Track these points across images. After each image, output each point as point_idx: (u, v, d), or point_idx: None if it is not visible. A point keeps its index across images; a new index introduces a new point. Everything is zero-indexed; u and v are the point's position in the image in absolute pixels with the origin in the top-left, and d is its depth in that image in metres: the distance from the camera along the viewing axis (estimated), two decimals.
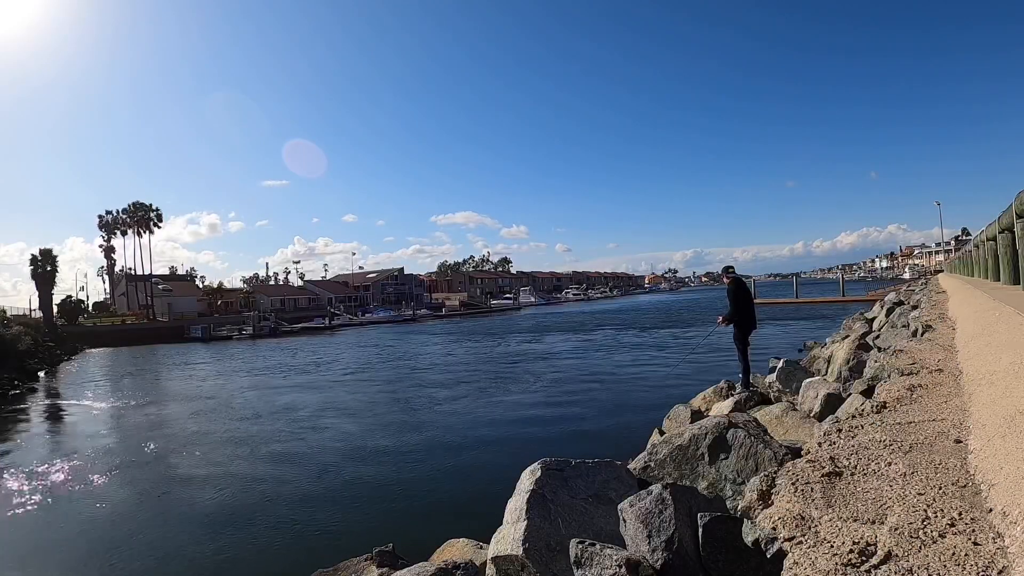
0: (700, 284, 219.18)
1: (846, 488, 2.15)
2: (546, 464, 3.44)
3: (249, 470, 10.17)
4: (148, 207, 67.19)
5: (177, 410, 17.15)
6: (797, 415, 5.48)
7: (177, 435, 13.64)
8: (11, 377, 24.76)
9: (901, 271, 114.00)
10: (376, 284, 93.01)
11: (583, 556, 2.39)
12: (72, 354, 41.56)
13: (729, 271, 8.21)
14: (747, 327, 7.88)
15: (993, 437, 2.24)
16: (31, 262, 51.32)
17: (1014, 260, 8.90)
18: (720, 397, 7.98)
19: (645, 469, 3.87)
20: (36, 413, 18.87)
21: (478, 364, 24.06)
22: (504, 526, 3.33)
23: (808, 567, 1.63)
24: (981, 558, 1.48)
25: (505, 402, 15.23)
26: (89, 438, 13.93)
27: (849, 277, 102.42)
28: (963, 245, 41.75)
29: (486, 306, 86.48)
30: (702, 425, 3.90)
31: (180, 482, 9.80)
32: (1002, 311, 5.40)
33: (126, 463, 11.30)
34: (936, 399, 3.29)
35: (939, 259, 74.93)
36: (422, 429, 12.56)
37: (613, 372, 19.24)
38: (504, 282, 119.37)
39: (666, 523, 2.36)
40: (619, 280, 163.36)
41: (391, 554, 4.81)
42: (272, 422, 14.33)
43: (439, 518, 7.22)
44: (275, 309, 70.74)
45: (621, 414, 12.59)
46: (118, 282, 75.99)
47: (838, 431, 2.92)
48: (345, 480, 9.28)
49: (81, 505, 8.94)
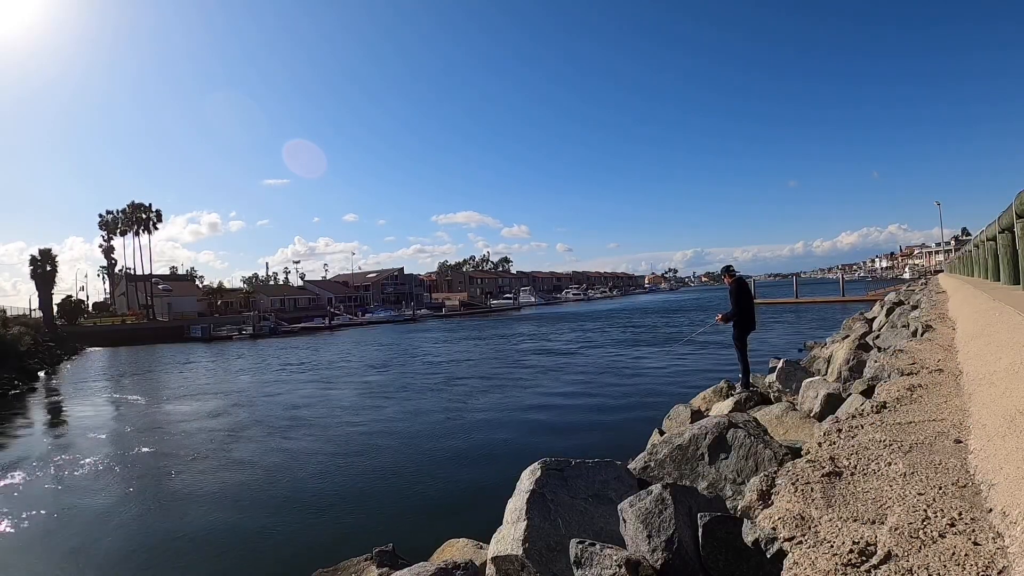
0: (700, 284, 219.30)
1: (846, 488, 2.15)
2: (546, 464, 3.44)
3: (248, 470, 10.17)
4: (148, 207, 67.25)
5: (177, 410, 17.14)
6: (797, 415, 5.48)
7: (177, 435, 13.64)
8: (11, 377, 24.74)
9: (901, 271, 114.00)
10: (376, 284, 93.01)
11: (583, 556, 2.39)
12: (72, 354, 41.56)
13: (730, 271, 8.19)
14: (746, 327, 7.88)
15: (993, 437, 2.24)
16: (31, 262, 51.36)
17: (1014, 260, 8.89)
18: (720, 397, 7.98)
19: (645, 469, 3.87)
20: (36, 413, 18.86)
21: (477, 364, 24.06)
22: (504, 526, 3.32)
23: (808, 567, 1.63)
24: (981, 558, 1.48)
25: (504, 402, 15.22)
26: (89, 438, 13.92)
27: (849, 277, 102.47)
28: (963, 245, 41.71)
29: (486, 306, 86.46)
30: (702, 425, 3.90)
31: (180, 482, 9.80)
32: (1002, 311, 5.40)
33: (126, 463, 11.30)
34: (936, 399, 3.29)
35: (939, 259, 74.95)
36: (421, 429, 12.55)
37: (613, 372, 19.23)
38: (504, 282, 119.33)
39: (666, 523, 2.36)
40: (619, 280, 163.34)
41: (391, 554, 4.81)
42: (271, 422, 14.32)
43: (439, 518, 7.21)
44: (275, 309, 70.75)
45: (621, 414, 12.59)
46: (118, 282, 75.96)
47: (838, 431, 2.92)
48: (345, 480, 9.27)
49: (81, 505, 8.93)
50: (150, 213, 67.30)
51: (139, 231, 67.50)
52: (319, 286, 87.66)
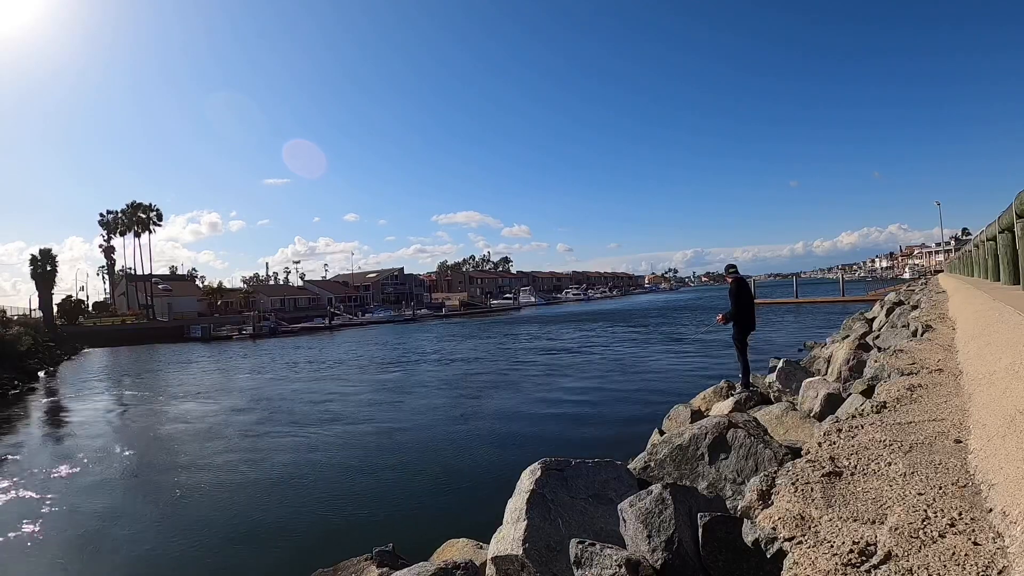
0: (700, 284, 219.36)
1: (846, 488, 2.15)
2: (546, 464, 3.44)
3: (248, 469, 10.17)
4: (148, 207, 67.22)
5: (176, 410, 17.15)
6: (797, 415, 5.48)
7: (176, 435, 13.64)
8: (11, 377, 24.74)
9: (901, 271, 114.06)
10: (376, 284, 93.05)
11: (583, 556, 2.39)
12: (72, 354, 41.56)
13: (731, 270, 8.10)
14: (746, 327, 7.87)
15: (993, 437, 2.24)
16: (31, 262, 51.32)
17: (1014, 260, 8.89)
18: (720, 397, 7.97)
19: (645, 469, 3.87)
20: (36, 413, 18.86)
21: (477, 364, 24.05)
22: (504, 526, 3.32)
23: (808, 567, 1.63)
24: (981, 558, 1.48)
25: (504, 402, 15.22)
26: (89, 438, 13.92)
27: (849, 277, 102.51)
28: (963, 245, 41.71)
29: (486, 306, 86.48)
30: (702, 425, 3.90)
31: (179, 481, 9.79)
32: (1002, 311, 5.40)
33: (125, 463, 11.30)
34: (936, 399, 3.28)
35: (939, 259, 74.96)
36: (421, 429, 12.55)
37: (612, 371, 19.23)
38: (504, 282, 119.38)
39: (666, 523, 2.37)
40: (619, 280, 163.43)
41: (391, 554, 4.80)
42: (271, 422, 14.32)
43: (439, 518, 7.22)
44: (275, 309, 70.79)
45: (621, 414, 12.59)
46: (118, 282, 75.99)
47: (838, 431, 2.91)
48: (345, 480, 9.27)
49: (81, 505, 8.93)
50: (150, 213, 67.28)
51: (139, 231, 67.47)
52: (319, 286, 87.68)
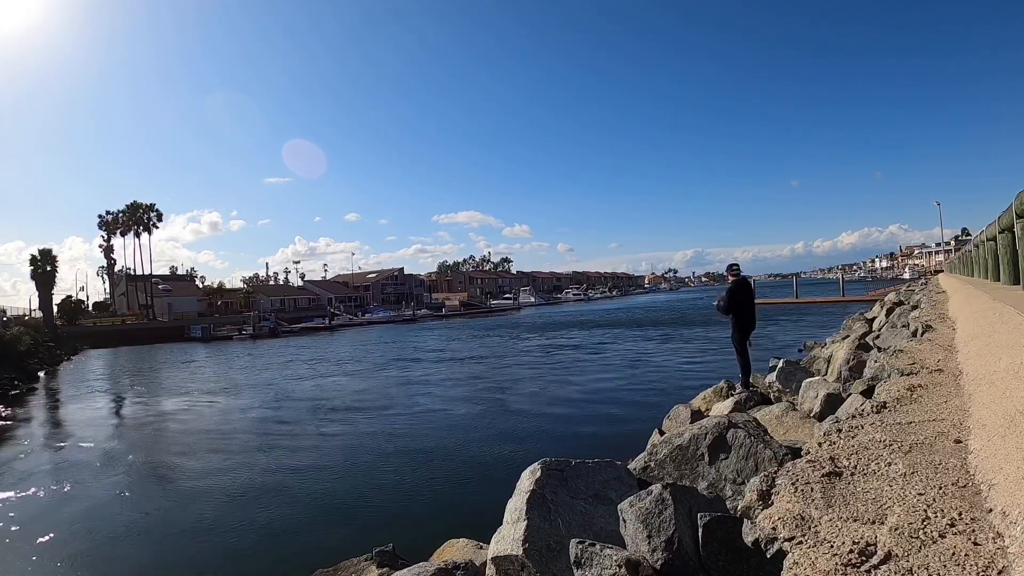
0: (700, 284, 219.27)
1: (846, 488, 2.15)
2: (546, 464, 3.44)
3: (248, 469, 10.16)
4: (148, 207, 67.21)
5: (176, 410, 17.13)
6: (797, 415, 5.48)
7: (177, 435, 13.64)
8: (11, 377, 24.74)
9: (901, 271, 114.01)
10: (376, 284, 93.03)
11: (583, 556, 2.39)
12: (72, 354, 41.54)
13: (734, 269, 7.97)
14: (747, 328, 7.85)
15: (993, 437, 2.24)
16: (31, 262, 51.28)
17: (1014, 260, 8.89)
18: (720, 397, 7.97)
19: (645, 469, 3.87)
20: (36, 414, 18.86)
21: (476, 364, 24.05)
22: (504, 526, 3.32)
23: (808, 567, 1.63)
24: (981, 558, 1.48)
25: (504, 402, 15.22)
26: (89, 438, 13.91)
27: (849, 277, 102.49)
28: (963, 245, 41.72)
29: (486, 306, 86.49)
30: (702, 425, 3.89)
31: (180, 481, 9.80)
32: (1002, 311, 5.39)
33: (126, 463, 11.30)
34: (936, 399, 3.28)
35: (939, 259, 74.89)
36: (421, 429, 12.55)
37: (612, 371, 19.22)
38: (504, 282, 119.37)
39: (666, 523, 2.37)
40: (619, 280, 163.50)
41: (391, 554, 4.81)
42: (271, 422, 14.32)
43: (439, 518, 7.21)
44: (275, 309, 70.78)
45: (621, 414, 12.59)
46: (118, 282, 75.98)
47: (838, 431, 2.91)
48: (345, 480, 9.27)
49: (80, 505, 8.93)
50: (150, 213, 67.29)
51: (139, 231, 67.49)
52: (319, 286, 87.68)
